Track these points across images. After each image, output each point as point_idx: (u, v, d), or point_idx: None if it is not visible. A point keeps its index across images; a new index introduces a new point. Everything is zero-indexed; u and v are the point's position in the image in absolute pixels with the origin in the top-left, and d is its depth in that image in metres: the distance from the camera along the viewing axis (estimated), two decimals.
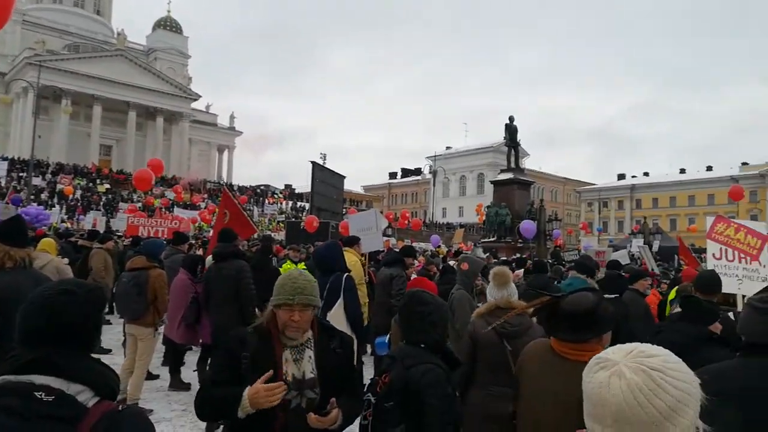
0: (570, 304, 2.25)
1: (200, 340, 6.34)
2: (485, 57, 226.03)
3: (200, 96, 65.49)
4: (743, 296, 4.90)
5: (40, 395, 1.32)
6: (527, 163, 70.25)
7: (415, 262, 9.11)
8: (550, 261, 17.86)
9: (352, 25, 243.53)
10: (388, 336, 4.33)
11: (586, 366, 1.13)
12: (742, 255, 5.01)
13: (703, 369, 2.12)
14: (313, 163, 21.70)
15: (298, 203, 52.84)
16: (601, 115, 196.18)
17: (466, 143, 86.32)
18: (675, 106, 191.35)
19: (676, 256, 19.60)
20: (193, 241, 13.86)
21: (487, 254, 20.60)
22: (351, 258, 6.12)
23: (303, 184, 46.35)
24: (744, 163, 69.74)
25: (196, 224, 29.13)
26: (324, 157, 46.78)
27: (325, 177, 22.25)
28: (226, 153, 72.31)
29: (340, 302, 4.61)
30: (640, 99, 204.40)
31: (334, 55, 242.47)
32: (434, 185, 64.41)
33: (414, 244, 30.45)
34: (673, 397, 1.00)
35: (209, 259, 6.53)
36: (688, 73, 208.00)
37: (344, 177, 24.95)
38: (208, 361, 5.82)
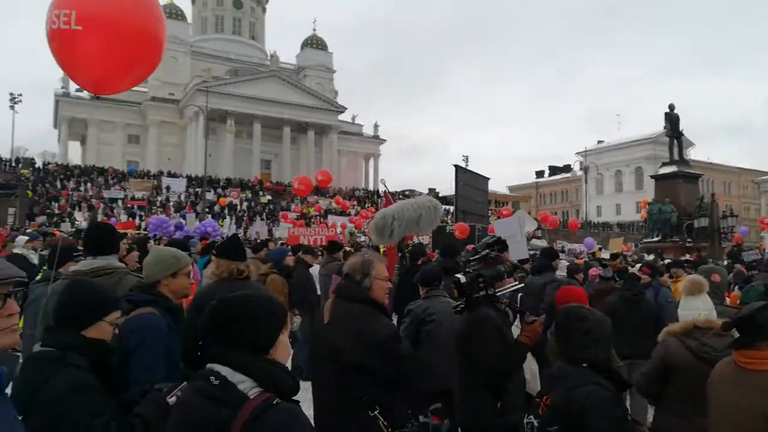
0: (746, 309, 2.26)
1: None
2: (620, 50, 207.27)
3: (346, 108, 68.77)
4: None
5: (212, 379, 1.64)
6: (693, 154, 63.53)
7: (561, 263, 8.51)
8: (727, 262, 15.90)
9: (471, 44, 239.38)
10: None
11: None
12: None
13: None
14: (457, 166, 21.47)
15: (443, 207, 52.86)
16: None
17: (620, 136, 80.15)
18: None
19: None
20: (348, 248, 14.29)
21: (652, 255, 18.92)
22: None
23: (445, 187, 46.43)
24: None
25: (346, 229, 30.44)
26: (466, 159, 46.37)
27: (468, 180, 21.89)
28: (371, 161, 74.93)
29: None
30: None
31: (457, 76, 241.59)
32: (586, 182, 60.72)
33: (567, 245, 28.97)
34: None
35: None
36: None
37: (488, 179, 24.41)
38: None
